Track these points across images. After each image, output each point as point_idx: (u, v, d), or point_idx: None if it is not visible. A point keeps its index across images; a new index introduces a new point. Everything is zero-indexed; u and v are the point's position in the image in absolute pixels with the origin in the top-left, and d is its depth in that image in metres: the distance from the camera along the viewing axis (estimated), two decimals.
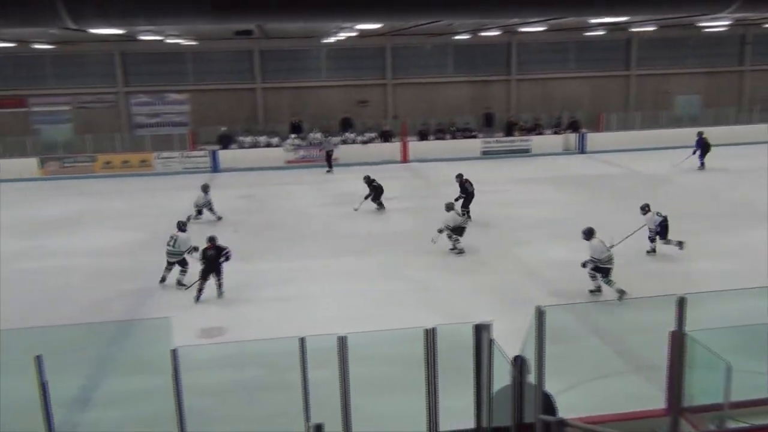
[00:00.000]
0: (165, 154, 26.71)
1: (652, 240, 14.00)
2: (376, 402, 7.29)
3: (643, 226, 14.01)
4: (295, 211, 19.19)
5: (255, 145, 27.82)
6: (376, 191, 18.93)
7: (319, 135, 27.99)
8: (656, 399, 6.54)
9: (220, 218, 18.31)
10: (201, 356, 7.75)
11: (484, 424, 5.47)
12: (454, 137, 29.29)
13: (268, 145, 27.73)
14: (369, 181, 19.08)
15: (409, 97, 30.77)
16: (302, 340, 5.52)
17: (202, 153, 26.93)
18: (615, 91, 32.15)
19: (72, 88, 28.57)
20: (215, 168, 26.48)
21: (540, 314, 4.94)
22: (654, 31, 27.99)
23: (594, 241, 11.67)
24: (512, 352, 5.51)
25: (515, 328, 6.90)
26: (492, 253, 14.74)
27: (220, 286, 12.48)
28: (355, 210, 18.71)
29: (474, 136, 29.25)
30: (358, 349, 5.75)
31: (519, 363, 5.15)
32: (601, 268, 11.62)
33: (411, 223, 17.64)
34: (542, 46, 30.79)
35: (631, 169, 24.45)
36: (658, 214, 13.89)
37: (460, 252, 14.60)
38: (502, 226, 16.97)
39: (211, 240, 12.68)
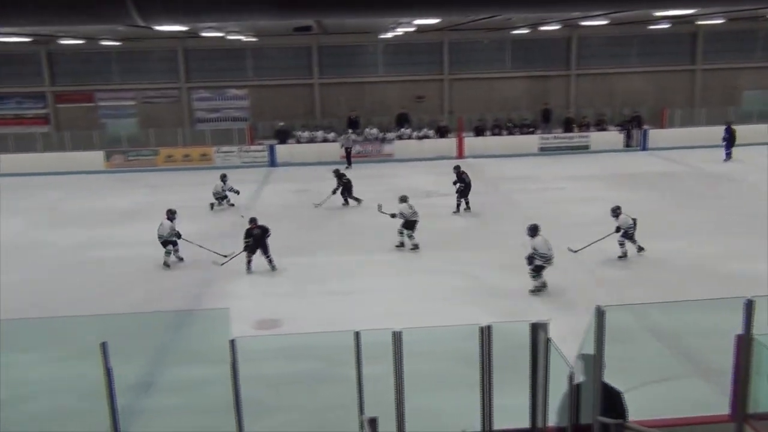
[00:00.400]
0: (224, 148, 27.25)
1: (622, 244, 13.77)
2: (429, 398, 7.28)
3: (609, 235, 13.73)
4: (349, 206, 19.30)
5: (312, 140, 28.10)
6: (345, 186, 19.15)
7: (374, 131, 28.10)
8: (720, 404, 6.33)
9: (232, 205, 19.48)
10: (257, 347, 7.87)
11: (539, 424, 5.40)
12: (510, 133, 28.95)
13: (325, 140, 27.97)
14: (338, 175, 19.34)
15: (465, 93, 30.54)
16: (357, 335, 5.55)
17: (260, 147, 27.36)
18: (679, 86, 31.16)
19: (137, 84, 29.42)
20: (272, 162, 26.87)
21: (600, 314, 4.84)
22: (721, 24, 27.01)
23: (538, 238, 11.82)
24: (568, 352, 5.41)
25: (570, 327, 6.79)
26: None
27: (270, 261, 13.65)
28: (316, 206, 19.00)
29: (531, 132, 28.85)
30: (413, 345, 5.75)
31: (581, 362, 5.06)
32: (539, 267, 11.80)
33: (464, 220, 17.53)
34: (604, 40, 30.10)
35: (694, 167, 23.70)
36: (630, 217, 13.80)
37: (415, 247, 14.68)
38: (557, 225, 16.66)
39: (253, 221, 13.87)
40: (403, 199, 15.16)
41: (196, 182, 22.96)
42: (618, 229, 13.67)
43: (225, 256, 14.00)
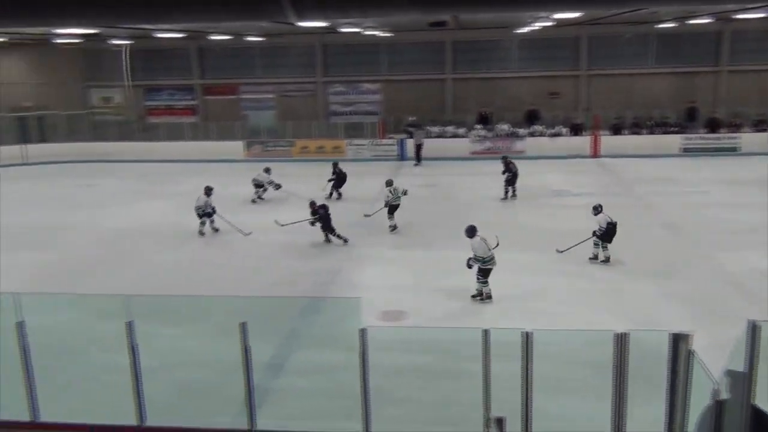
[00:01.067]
0: (356, 141, 27.89)
1: (596, 244, 13.50)
2: (555, 402, 7.10)
3: (588, 239, 13.51)
4: (476, 203, 19.16)
5: (441, 135, 28.13)
6: (338, 177, 19.49)
7: (505, 127, 27.69)
8: None
9: (261, 198, 20.26)
10: (384, 337, 8.00)
11: None
12: (651, 132, 27.52)
13: (455, 136, 27.91)
14: (334, 164, 20.15)
15: (603, 89, 29.38)
16: (486, 332, 5.50)
17: (390, 141, 27.75)
18: None
19: (277, 78, 30.75)
20: (402, 156, 27.17)
21: (753, 329, 4.49)
22: None
23: (476, 239, 11.55)
24: (711, 366, 5.08)
25: (714, 341, 6.36)
26: (685, 259, 13.68)
27: (339, 236, 15.18)
28: (322, 190, 19.72)
29: (674, 132, 27.26)
30: (540, 347, 5.62)
31: (728, 379, 4.72)
32: (483, 269, 11.48)
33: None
34: (761, 35, 27.86)
35: None
36: (609, 217, 13.49)
37: (394, 228, 15.93)
38: (699, 230, 15.68)
39: (312, 203, 15.58)
40: (389, 183, 16.58)
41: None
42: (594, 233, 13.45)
43: (245, 233, 16.16)
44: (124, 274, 13.64)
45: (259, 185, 20.42)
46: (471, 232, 11.73)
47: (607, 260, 13.38)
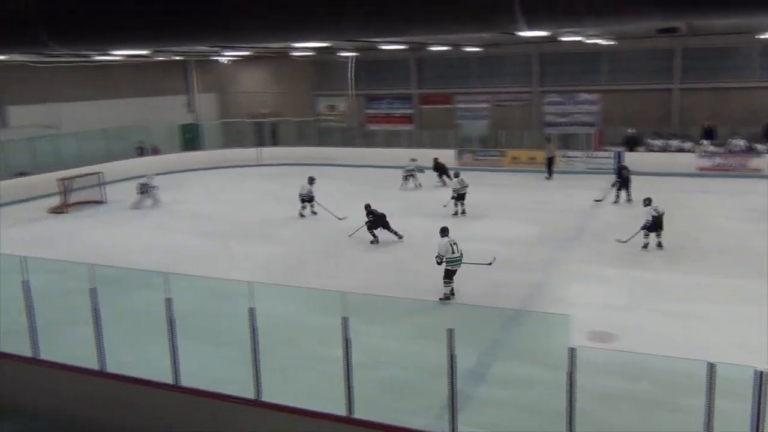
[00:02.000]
0: (569, 153, 27.01)
1: (645, 235, 15.17)
2: None
3: (636, 234, 15.02)
4: (702, 222, 17.62)
5: (665, 149, 26.24)
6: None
7: (741, 142, 25.11)
8: None
9: (315, 213, 19.94)
10: (591, 358, 7.65)
11: None
12: None
13: (680, 150, 25.88)
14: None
15: None
16: (711, 366, 5.00)
17: (606, 154, 26.47)
18: None
19: (492, 88, 30.77)
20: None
21: None
22: None
23: (444, 239, 12.60)
24: None
25: None
26: None
27: (395, 233, 16.84)
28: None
29: None
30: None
31: None
32: (448, 271, 12.36)
33: None
34: None
35: None
36: (655, 209, 15.20)
37: (463, 213, 19.11)
38: None
39: (368, 206, 17.07)
40: (457, 174, 19.47)
41: (540, 184, 23.17)
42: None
43: (339, 218, 18.48)
44: (338, 271, 14.48)
45: (307, 199, 19.92)
46: (443, 232, 12.92)
47: (659, 246, 15.12)
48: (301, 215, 19.65)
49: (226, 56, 31.29)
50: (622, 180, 20.45)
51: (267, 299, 10.53)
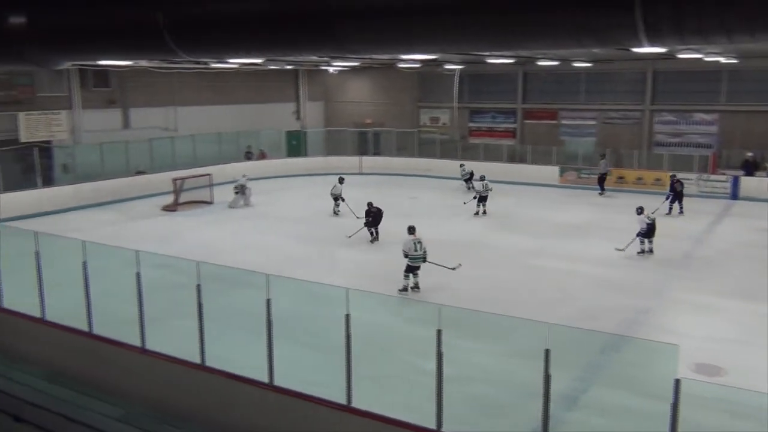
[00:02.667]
0: (681, 175, 25.72)
1: (641, 241, 16.49)
2: None
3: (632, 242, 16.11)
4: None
5: None
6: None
7: None
8: None
9: (337, 213, 21.56)
10: (696, 392, 7.24)
11: None
12: None
13: None
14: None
15: None
16: None
17: (722, 178, 25.06)
18: None
19: (600, 105, 29.87)
20: (734, 195, 24.37)
21: None
22: None
23: (409, 237, 13.74)
24: None
25: None
26: None
27: (376, 234, 18.05)
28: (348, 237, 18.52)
29: None
30: None
31: None
32: (409, 266, 13.61)
33: None
34: None
35: None
36: (648, 217, 16.58)
37: (484, 213, 20.65)
38: None
39: (370, 204, 18.30)
40: (482, 177, 20.83)
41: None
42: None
43: (357, 216, 19.56)
44: (433, 284, 14.40)
45: (338, 198, 21.76)
46: (410, 230, 13.99)
47: (651, 252, 16.45)
48: (336, 213, 21.56)
49: (335, 66, 32.03)
50: (675, 194, 21.66)
51: (363, 306, 10.66)
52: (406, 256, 13.72)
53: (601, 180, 25.71)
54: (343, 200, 21.49)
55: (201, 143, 28.02)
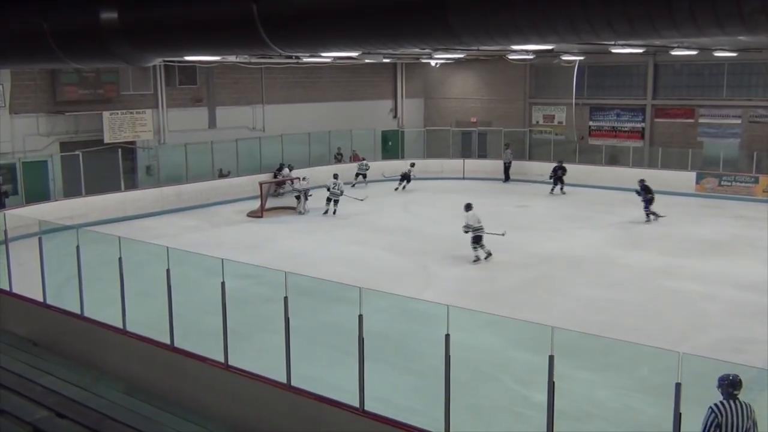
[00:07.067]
0: None
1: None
2: None
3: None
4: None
5: None
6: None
7: None
8: None
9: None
10: None
11: None
12: None
13: None
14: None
15: None
16: None
17: None
18: None
19: (746, 100, 28.44)
20: None
21: None
22: None
23: (470, 212, 17.44)
24: None
25: None
26: None
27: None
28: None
29: None
30: None
31: None
32: (475, 237, 17.01)
33: None
34: None
35: None
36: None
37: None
38: None
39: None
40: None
41: None
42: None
43: (359, 199, 23.77)
44: (543, 304, 14.18)
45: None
46: (467, 207, 17.63)
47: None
48: (332, 212, 23.39)
49: (437, 59, 32.13)
50: (650, 197, 22.10)
51: (463, 325, 10.62)
52: (467, 230, 17.14)
53: (507, 169, 30.17)
54: (343, 194, 23.59)
55: (290, 144, 28.83)
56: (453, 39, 4.01)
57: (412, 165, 28.99)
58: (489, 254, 17.26)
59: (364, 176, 29.07)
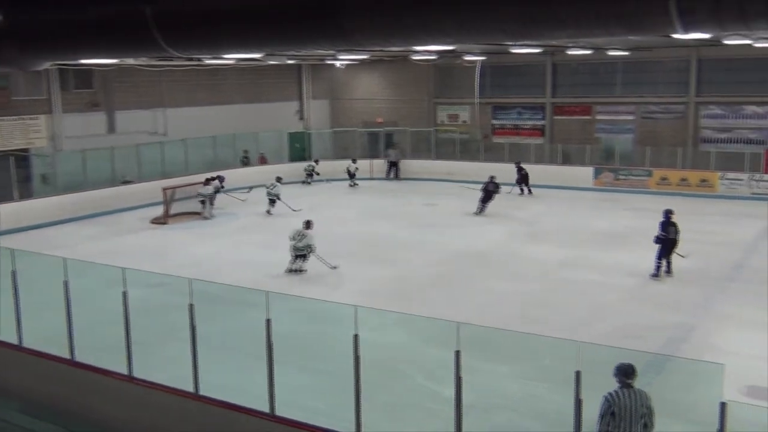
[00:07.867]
0: (730, 174, 25.63)
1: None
2: None
3: None
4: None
5: None
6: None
7: None
8: None
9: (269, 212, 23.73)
10: (747, 416, 7.20)
11: None
12: None
13: None
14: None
15: None
16: None
17: None
18: None
19: (638, 97, 29.78)
20: None
21: None
22: None
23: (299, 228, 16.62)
24: None
25: None
26: None
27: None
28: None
29: None
30: None
31: None
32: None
33: None
34: None
35: None
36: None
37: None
38: None
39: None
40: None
41: (691, 210, 22.12)
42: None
43: (294, 210, 22.75)
44: (454, 300, 14.45)
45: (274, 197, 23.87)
46: (308, 225, 16.79)
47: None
48: (268, 212, 23.71)
49: (342, 60, 32.18)
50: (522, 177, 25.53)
51: (372, 325, 10.69)
52: (310, 251, 16.43)
53: (390, 167, 31.17)
54: (279, 199, 23.70)
55: (194, 148, 28.23)
56: (346, 41, 4.05)
57: (316, 161, 30.02)
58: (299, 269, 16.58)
59: (311, 175, 29.82)
